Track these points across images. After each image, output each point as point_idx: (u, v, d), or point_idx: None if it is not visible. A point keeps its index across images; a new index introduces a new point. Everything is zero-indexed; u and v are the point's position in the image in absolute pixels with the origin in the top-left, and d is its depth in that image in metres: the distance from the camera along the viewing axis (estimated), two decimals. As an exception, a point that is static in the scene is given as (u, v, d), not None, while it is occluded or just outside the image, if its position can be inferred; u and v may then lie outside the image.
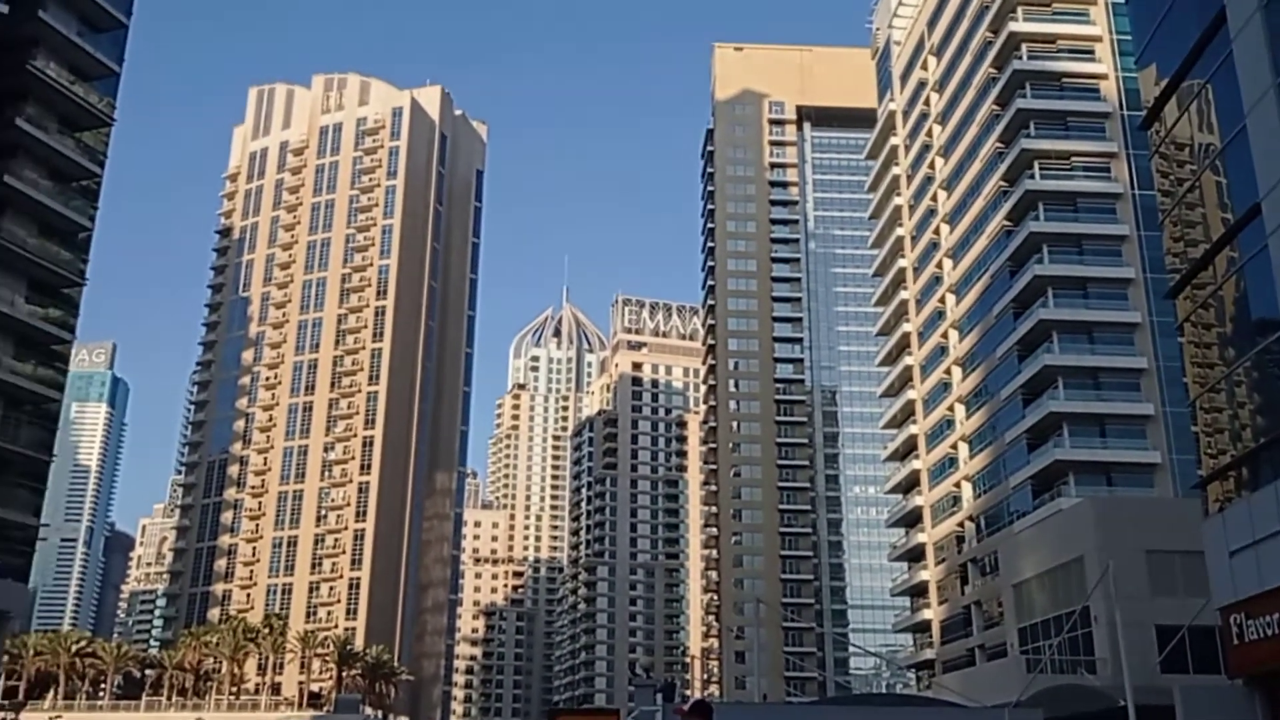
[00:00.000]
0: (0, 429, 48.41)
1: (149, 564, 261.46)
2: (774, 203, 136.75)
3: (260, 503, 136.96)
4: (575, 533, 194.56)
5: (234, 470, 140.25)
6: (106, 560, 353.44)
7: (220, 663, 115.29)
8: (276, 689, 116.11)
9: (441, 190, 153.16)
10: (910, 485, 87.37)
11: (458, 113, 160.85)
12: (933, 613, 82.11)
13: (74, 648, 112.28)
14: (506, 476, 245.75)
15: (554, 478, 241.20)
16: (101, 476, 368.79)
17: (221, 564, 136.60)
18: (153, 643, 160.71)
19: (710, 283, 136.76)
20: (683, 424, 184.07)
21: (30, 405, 50.95)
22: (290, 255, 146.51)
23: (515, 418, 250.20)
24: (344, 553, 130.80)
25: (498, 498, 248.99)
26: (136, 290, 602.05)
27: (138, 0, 56.20)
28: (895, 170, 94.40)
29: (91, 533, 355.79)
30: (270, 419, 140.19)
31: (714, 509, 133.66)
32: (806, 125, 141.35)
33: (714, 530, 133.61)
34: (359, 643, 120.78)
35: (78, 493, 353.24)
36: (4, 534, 49.55)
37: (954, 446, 78.06)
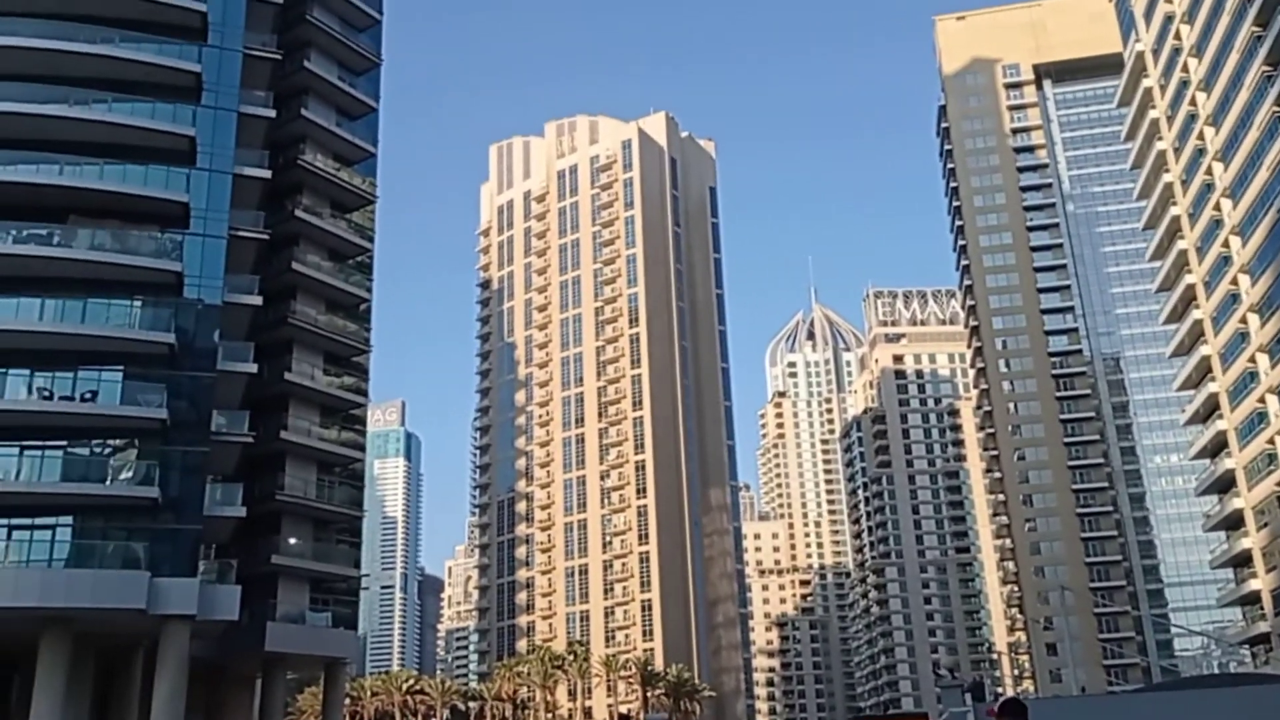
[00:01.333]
0: (317, 492, 53.18)
1: (459, 603, 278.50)
2: (1021, 169, 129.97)
3: (549, 535, 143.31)
4: (858, 535, 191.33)
5: (521, 507, 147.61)
6: (421, 603, 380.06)
7: (533, 691, 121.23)
8: (588, 713, 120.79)
9: (678, 212, 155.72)
10: (1218, 448, 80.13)
11: (684, 134, 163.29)
12: (1261, 582, 74.79)
13: (404, 686, 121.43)
14: (779, 486, 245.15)
15: (828, 482, 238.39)
16: (408, 525, 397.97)
17: (522, 597, 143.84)
18: (471, 676, 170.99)
19: (964, 262, 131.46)
20: (955, 412, 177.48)
21: (339, 468, 55.71)
22: (545, 297, 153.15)
23: (780, 426, 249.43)
24: (632, 576, 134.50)
25: (774, 508, 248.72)
26: (415, 348, 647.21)
27: (384, 83, 60.92)
28: (1153, 113, 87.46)
29: (405, 578, 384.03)
30: (548, 454, 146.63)
31: (1001, 497, 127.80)
32: (1046, 83, 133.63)
33: (1004, 519, 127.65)
34: (658, 663, 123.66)
35: (389, 543, 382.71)
36: (331, 587, 54.35)
37: (1261, 400, 71.05)
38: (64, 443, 42.21)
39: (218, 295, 45.52)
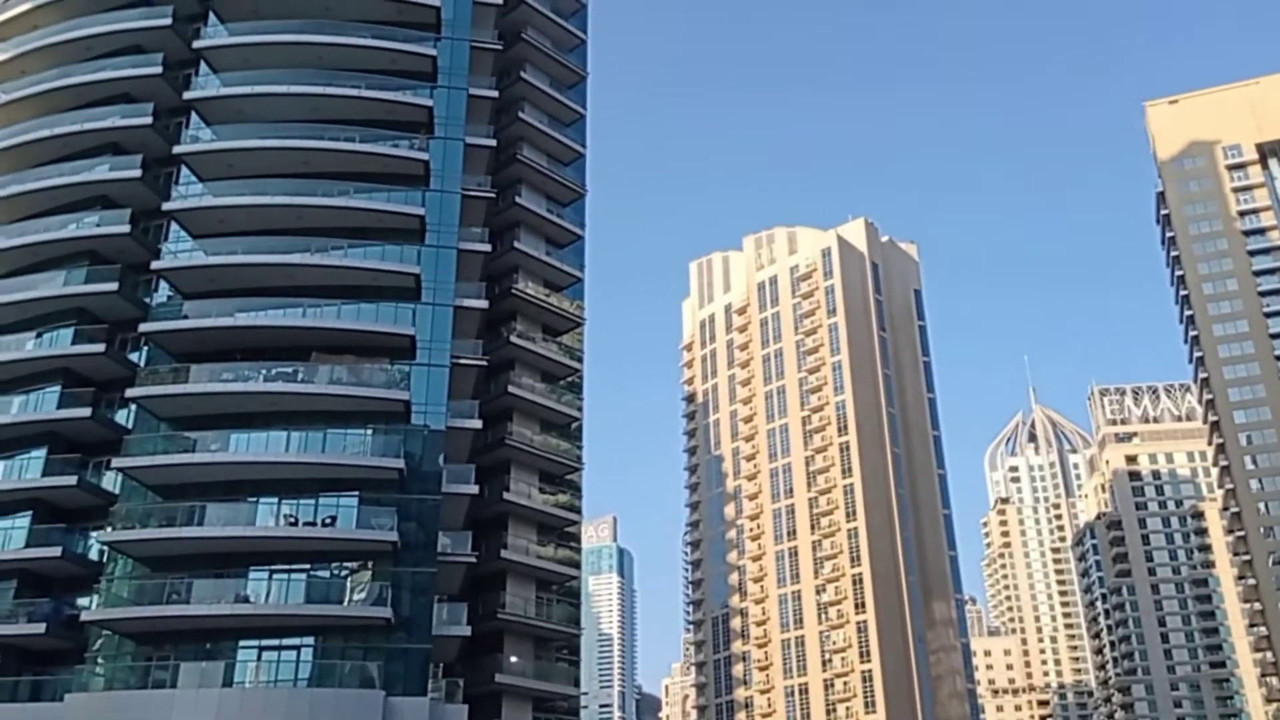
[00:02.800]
0: (537, 610, 54.21)
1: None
2: (1253, 252, 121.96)
3: (766, 652, 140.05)
4: (1099, 651, 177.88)
5: (736, 623, 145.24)
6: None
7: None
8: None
9: (882, 317, 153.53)
10: None
11: (884, 239, 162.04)
12: None
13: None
14: (1008, 599, 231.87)
15: (1062, 593, 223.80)
16: (624, 642, 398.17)
17: (741, 717, 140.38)
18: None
19: (1197, 354, 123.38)
20: (1199, 514, 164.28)
21: (556, 585, 56.70)
22: (751, 409, 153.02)
23: (1005, 534, 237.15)
24: (855, 695, 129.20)
25: (1004, 622, 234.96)
26: (623, 463, 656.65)
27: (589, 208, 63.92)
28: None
29: (623, 697, 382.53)
30: (760, 569, 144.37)
31: (1257, 605, 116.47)
32: (1272, 162, 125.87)
33: (1263, 629, 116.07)
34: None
35: (605, 660, 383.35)
36: (553, 706, 54.82)
37: None
38: (307, 566, 44.86)
39: (442, 421, 47.89)
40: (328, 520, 44.59)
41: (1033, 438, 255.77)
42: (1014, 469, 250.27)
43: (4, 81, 55.47)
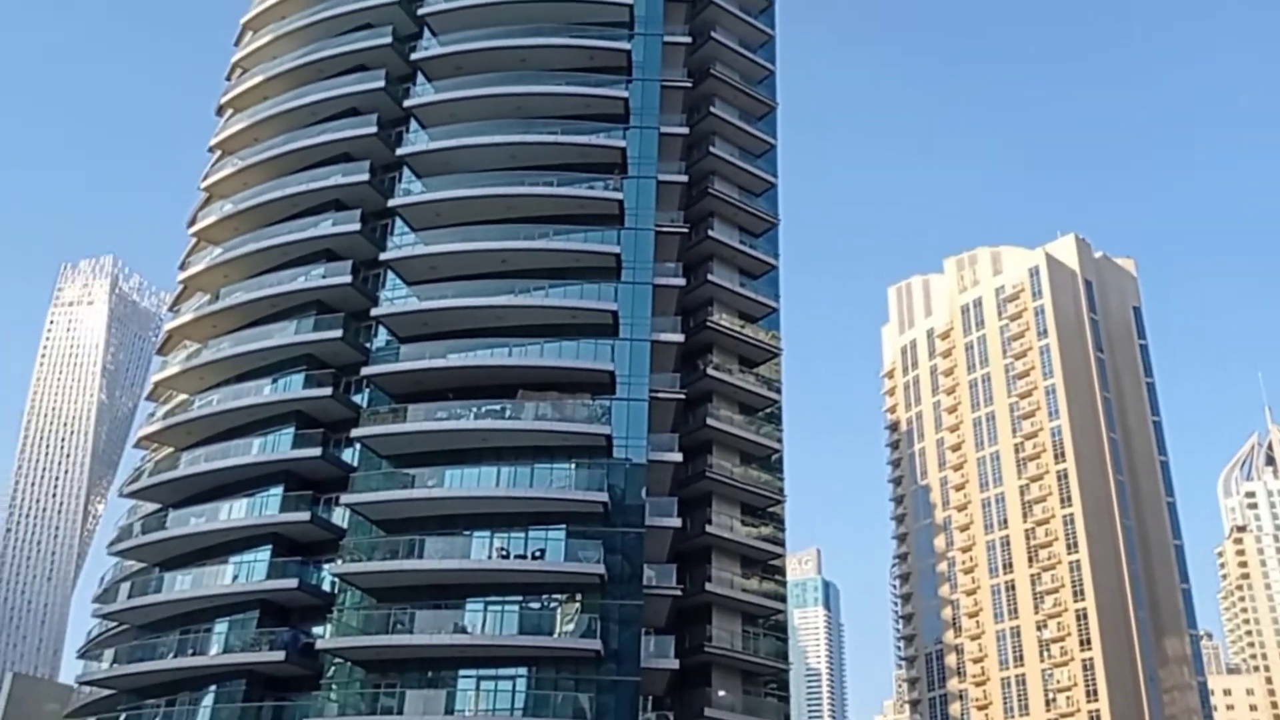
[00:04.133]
0: (743, 644, 53.95)
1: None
2: None
3: (984, 691, 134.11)
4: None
5: (951, 660, 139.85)
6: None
7: None
8: None
9: (1098, 337, 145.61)
10: None
11: (1098, 255, 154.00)
12: None
13: None
14: (1249, 634, 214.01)
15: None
16: (832, 677, 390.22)
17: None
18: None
19: None
20: None
21: (762, 619, 56.30)
22: (958, 436, 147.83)
23: (1243, 565, 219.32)
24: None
25: (1244, 659, 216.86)
26: (825, 493, 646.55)
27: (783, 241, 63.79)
28: None
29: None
30: (975, 603, 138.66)
31: None
32: None
33: None
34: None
35: (814, 695, 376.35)
36: (761, 740, 54.21)
37: None
38: (519, 597, 46.29)
39: (643, 454, 48.62)
40: (537, 553, 45.92)
41: (1270, 460, 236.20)
42: (1251, 494, 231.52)
43: (242, 149, 60.49)
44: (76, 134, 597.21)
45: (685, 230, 57.85)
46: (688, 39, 61.63)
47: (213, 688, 47.73)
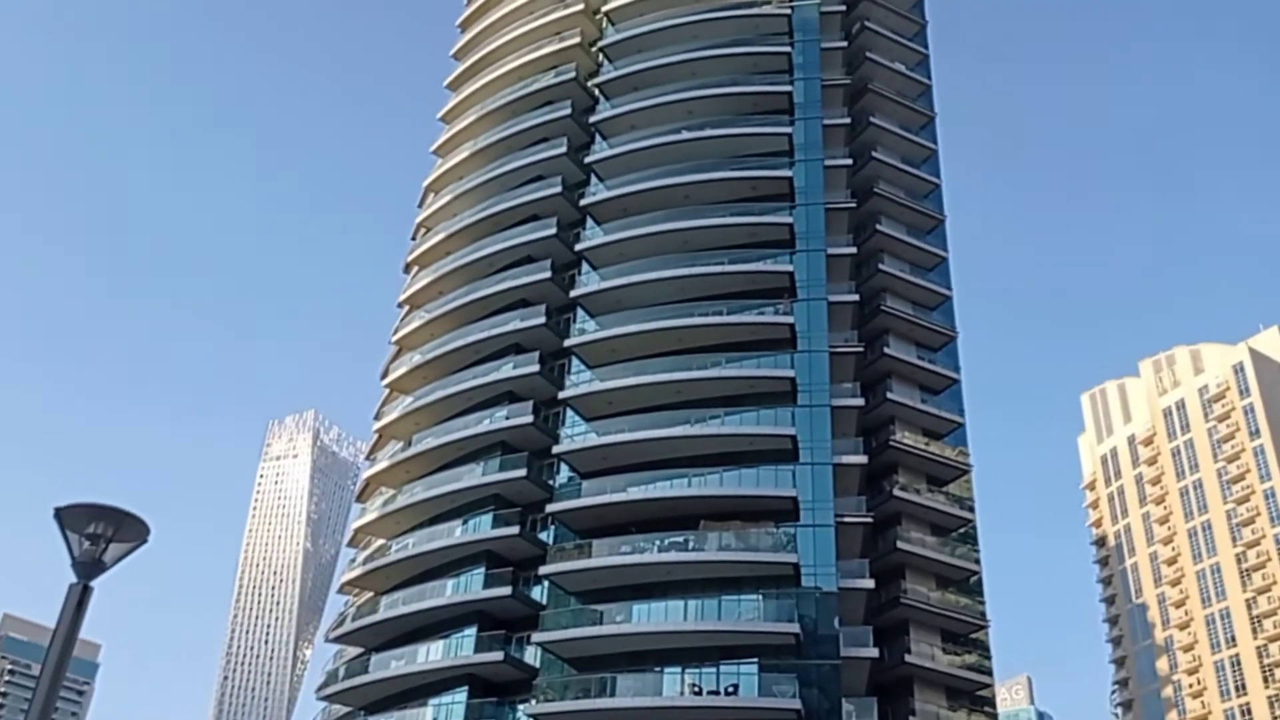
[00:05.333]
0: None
1: None
2: None
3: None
4: None
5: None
6: None
7: None
8: None
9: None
10: None
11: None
12: None
13: None
14: None
15: None
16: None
17: None
18: None
19: None
20: None
21: (972, 754, 52.83)
22: (1173, 549, 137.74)
23: None
24: None
25: None
26: (1029, 615, 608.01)
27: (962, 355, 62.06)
28: None
29: None
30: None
31: None
32: None
33: None
34: None
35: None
36: None
37: None
38: (714, 735, 45.01)
39: (832, 582, 47.22)
40: (730, 689, 44.79)
41: None
42: None
43: (427, 302, 63.95)
44: (275, 301, 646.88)
45: (860, 349, 57.22)
46: (849, 160, 62.16)
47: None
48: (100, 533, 9.12)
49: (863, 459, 52.96)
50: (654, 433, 50.58)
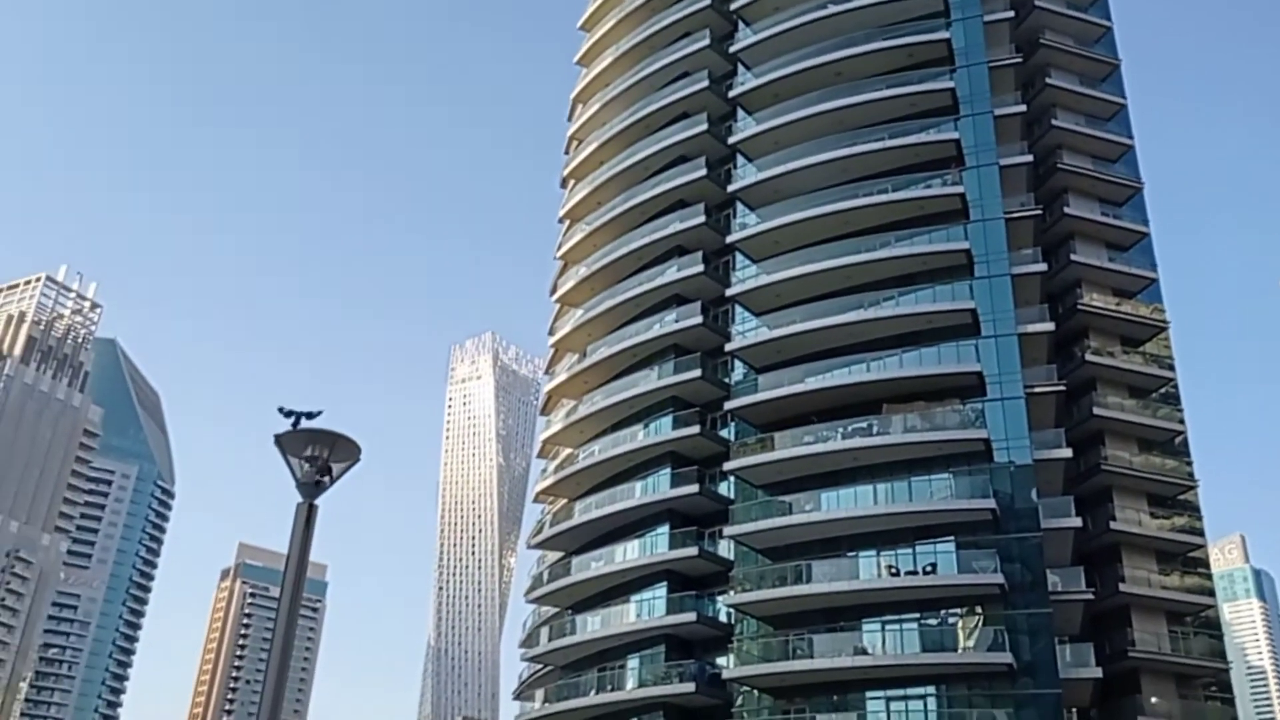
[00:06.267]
0: (1171, 645, 49.26)
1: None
2: None
3: None
4: None
5: None
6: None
7: None
8: None
9: None
10: None
11: None
12: None
13: None
14: None
15: None
16: (1279, 674, 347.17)
17: None
18: None
19: None
20: None
21: (1189, 616, 51.20)
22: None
23: None
24: None
25: None
26: (1241, 474, 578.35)
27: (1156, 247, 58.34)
28: None
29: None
30: None
31: None
32: None
33: None
34: None
35: (1260, 696, 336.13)
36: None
37: None
38: (915, 615, 45.00)
39: (1027, 454, 45.93)
40: (928, 568, 44.49)
41: None
42: None
43: (587, 214, 64.42)
44: (447, 222, 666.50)
45: (1039, 212, 54.44)
46: (1010, 13, 58.30)
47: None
48: (317, 455, 9.88)
49: (1050, 326, 50.84)
50: (827, 320, 49.75)
